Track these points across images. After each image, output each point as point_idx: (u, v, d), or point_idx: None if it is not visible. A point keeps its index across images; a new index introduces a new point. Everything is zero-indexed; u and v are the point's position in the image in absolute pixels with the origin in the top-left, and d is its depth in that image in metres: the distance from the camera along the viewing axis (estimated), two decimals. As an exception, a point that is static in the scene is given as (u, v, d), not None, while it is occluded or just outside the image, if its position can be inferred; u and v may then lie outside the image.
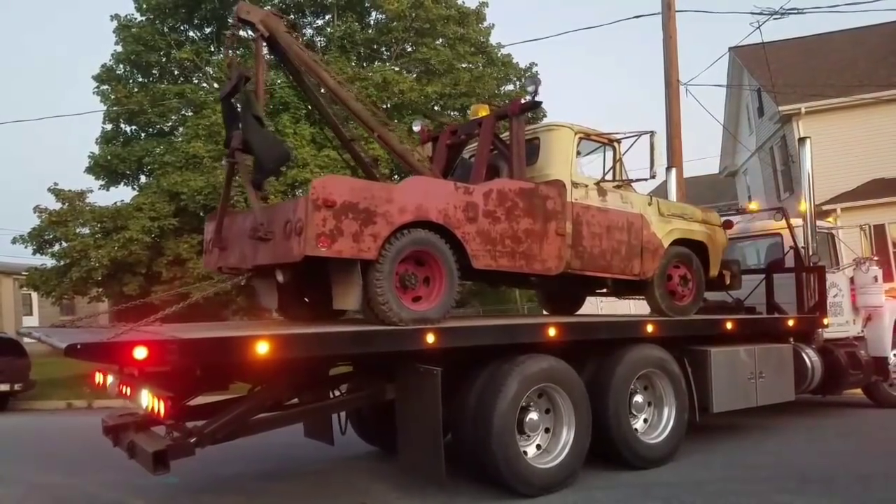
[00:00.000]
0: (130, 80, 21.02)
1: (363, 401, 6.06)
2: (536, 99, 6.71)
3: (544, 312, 9.70)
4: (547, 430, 6.04)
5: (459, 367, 5.80)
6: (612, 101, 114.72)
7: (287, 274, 5.65)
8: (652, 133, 7.05)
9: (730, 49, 24.20)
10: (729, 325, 7.68)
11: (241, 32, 6.29)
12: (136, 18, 20.69)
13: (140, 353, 4.06)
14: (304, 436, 7.39)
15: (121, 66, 20.76)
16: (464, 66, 20.78)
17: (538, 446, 5.99)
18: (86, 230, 17.36)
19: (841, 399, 10.78)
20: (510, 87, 22.33)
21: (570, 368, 6.12)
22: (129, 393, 5.27)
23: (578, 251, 6.80)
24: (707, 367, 7.36)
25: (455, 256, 5.82)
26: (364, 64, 20.79)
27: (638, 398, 6.80)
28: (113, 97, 19.85)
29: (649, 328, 6.86)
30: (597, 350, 6.61)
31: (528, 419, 5.85)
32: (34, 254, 17.57)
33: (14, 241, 17.50)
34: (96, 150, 20.39)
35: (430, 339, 5.34)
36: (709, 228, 8.11)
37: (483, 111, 7.29)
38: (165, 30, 20.64)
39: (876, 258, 10.41)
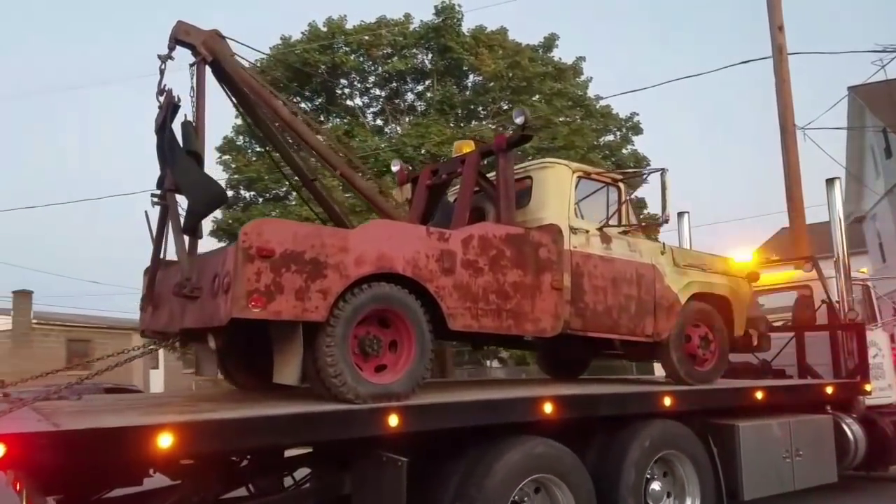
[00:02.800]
0: (249, 150, 21.39)
1: (316, 496, 4.92)
2: (525, 133, 5.77)
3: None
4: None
5: (433, 454, 4.70)
6: (723, 151, 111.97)
7: (220, 339, 4.62)
8: (663, 171, 6.08)
9: (849, 89, 22.87)
10: (760, 395, 6.54)
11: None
12: None
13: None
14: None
15: (240, 137, 21.32)
16: (561, 119, 20.55)
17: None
18: None
19: (889, 475, 9.47)
20: (610, 137, 22.08)
21: (570, 454, 5.00)
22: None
23: (579, 308, 5.75)
24: (735, 446, 6.21)
25: (428, 315, 4.79)
26: (462, 124, 20.95)
27: (655, 486, 5.64)
28: (233, 166, 20.54)
29: (667, 401, 5.75)
30: (603, 429, 5.50)
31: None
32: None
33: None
34: (219, 214, 20.38)
35: (394, 421, 4.26)
36: (731, 280, 7.05)
37: (467, 147, 6.36)
38: (282, 101, 21.38)
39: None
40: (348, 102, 21.89)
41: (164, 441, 3.44)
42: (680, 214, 11.01)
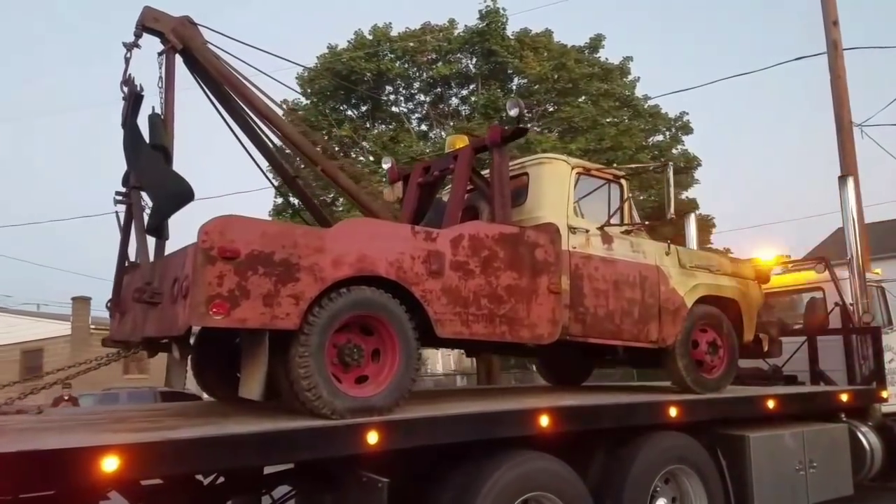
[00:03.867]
0: (297, 158, 21.30)
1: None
2: (521, 126, 5.39)
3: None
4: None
5: (419, 474, 4.33)
6: (779, 150, 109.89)
7: (186, 349, 4.26)
8: (667, 164, 5.69)
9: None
10: (771, 404, 6.14)
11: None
12: (301, 102, 21.79)
13: None
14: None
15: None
16: (608, 120, 20.39)
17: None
18: None
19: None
20: (659, 137, 21.88)
21: (568, 469, 4.62)
22: None
23: (578, 313, 5.36)
24: (745, 458, 5.82)
25: (414, 322, 4.41)
26: (506, 128, 20.77)
27: (660, 503, 5.25)
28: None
29: (673, 412, 5.36)
30: (604, 443, 5.11)
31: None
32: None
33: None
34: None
35: (373, 438, 3.87)
36: (741, 283, 6.65)
37: (461, 142, 5.97)
38: (327, 111, 21.49)
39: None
40: (393, 109, 21.92)
41: (110, 464, 3.06)
42: (685, 214, 10.63)
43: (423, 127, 22.06)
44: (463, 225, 4.84)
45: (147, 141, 4.53)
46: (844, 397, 7.12)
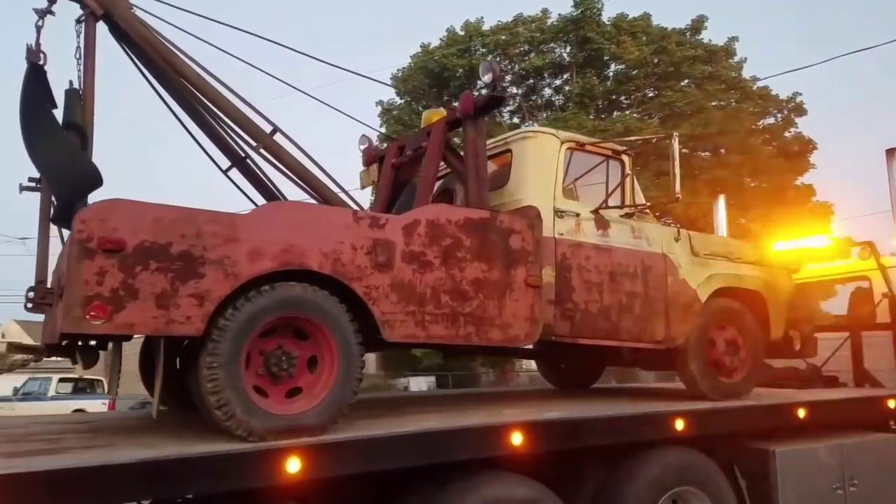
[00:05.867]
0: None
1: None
2: (497, 94, 4.65)
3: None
4: None
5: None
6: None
7: (88, 357, 3.68)
8: (672, 136, 4.89)
9: None
10: (802, 412, 5.28)
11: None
12: (395, 102, 22.47)
13: None
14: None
15: (384, 144, 22.66)
16: (714, 104, 20.03)
17: None
18: None
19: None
20: (770, 120, 21.32)
21: (553, 498, 3.91)
22: None
23: (566, 309, 4.63)
24: (770, 476, 5.00)
25: (356, 324, 3.73)
26: (603, 115, 20.84)
27: (665, 532, 4.48)
28: None
29: (679, 424, 4.57)
30: (597, 463, 4.37)
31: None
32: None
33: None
34: None
35: (294, 466, 3.22)
36: (767, 272, 5.79)
37: (437, 117, 5.27)
38: (420, 109, 21.81)
39: None
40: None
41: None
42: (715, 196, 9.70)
43: (515, 119, 21.90)
44: (419, 209, 4.14)
45: (50, 119, 3.95)
46: (893, 403, 6.17)
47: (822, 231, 8.06)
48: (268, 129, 4.52)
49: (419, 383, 27.51)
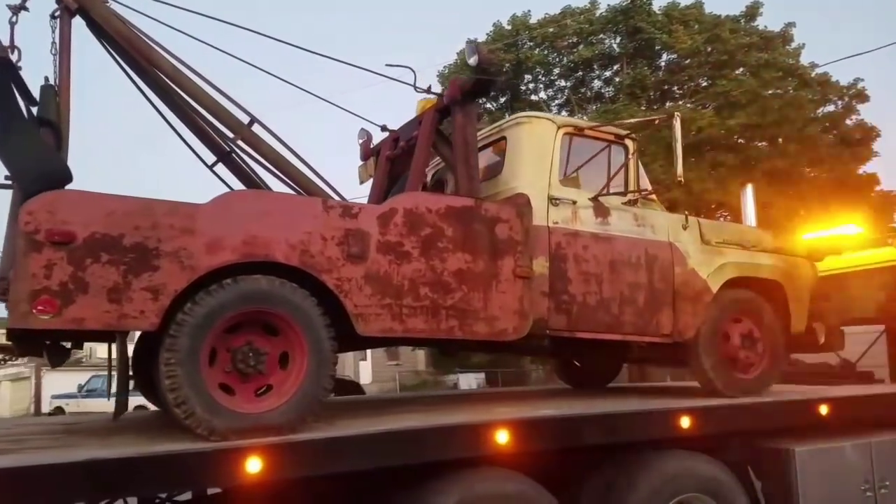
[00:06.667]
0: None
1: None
2: (483, 77, 4.44)
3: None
4: None
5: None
6: None
7: (56, 355, 3.59)
8: (674, 116, 4.61)
9: None
10: (824, 409, 4.92)
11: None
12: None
13: None
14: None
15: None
16: (770, 92, 19.54)
17: None
18: None
19: None
20: (830, 107, 20.78)
21: (547, 497, 3.68)
22: None
23: (562, 302, 4.39)
24: (790, 477, 4.64)
25: (328, 318, 3.57)
26: (655, 106, 20.66)
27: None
28: None
29: (684, 422, 4.27)
30: (597, 465, 4.12)
31: None
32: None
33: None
34: None
35: (254, 466, 3.06)
36: (786, 261, 5.44)
37: (430, 105, 5.08)
38: None
39: None
40: (532, 97, 22.07)
41: None
42: (744, 183, 9.28)
43: (564, 113, 21.74)
44: (396, 198, 3.96)
45: (19, 116, 3.88)
46: (930, 399, 5.74)
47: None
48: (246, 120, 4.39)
49: (468, 380, 27.34)
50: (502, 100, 21.90)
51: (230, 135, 4.34)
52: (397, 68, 4.88)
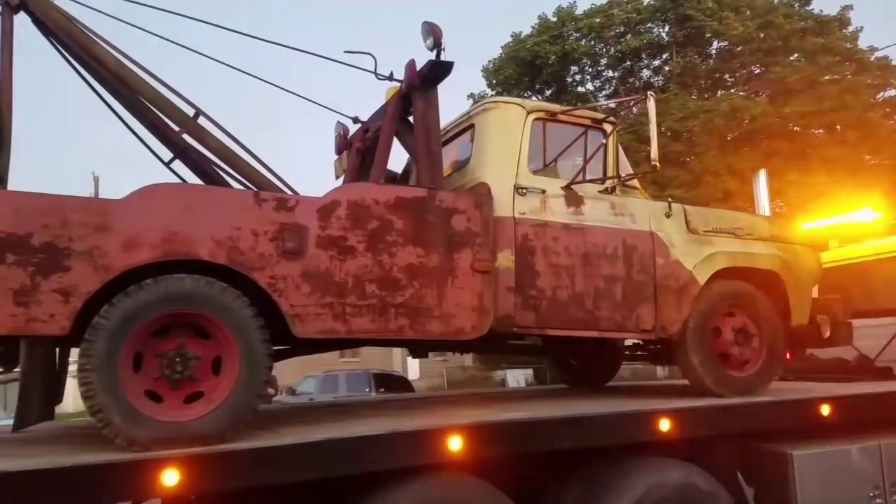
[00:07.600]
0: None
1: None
2: (441, 61, 4.17)
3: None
4: None
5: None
6: None
7: (7, 362, 3.46)
8: (648, 95, 4.28)
9: None
10: (826, 409, 4.53)
11: None
12: (488, 93, 22.19)
13: None
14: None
15: None
16: (826, 78, 19.10)
17: None
18: None
19: None
20: (891, 92, 20.14)
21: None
22: None
23: (530, 297, 4.10)
24: (787, 483, 4.28)
25: (261, 320, 3.34)
26: (706, 95, 20.41)
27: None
28: None
29: (664, 425, 3.95)
30: (566, 475, 3.82)
31: None
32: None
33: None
34: None
35: (171, 479, 2.84)
36: (784, 250, 5.06)
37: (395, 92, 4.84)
38: None
39: None
40: (579, 89, 21.91)
41: None
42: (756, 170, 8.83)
43: (612, 104, 21.57)
44: (340, 188, 3.72)
45: None
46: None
47: None
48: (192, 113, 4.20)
49: (516, 376, 26.92)
50: (548, 92, 21.60)
51: (175, 127, 4.15)
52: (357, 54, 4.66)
